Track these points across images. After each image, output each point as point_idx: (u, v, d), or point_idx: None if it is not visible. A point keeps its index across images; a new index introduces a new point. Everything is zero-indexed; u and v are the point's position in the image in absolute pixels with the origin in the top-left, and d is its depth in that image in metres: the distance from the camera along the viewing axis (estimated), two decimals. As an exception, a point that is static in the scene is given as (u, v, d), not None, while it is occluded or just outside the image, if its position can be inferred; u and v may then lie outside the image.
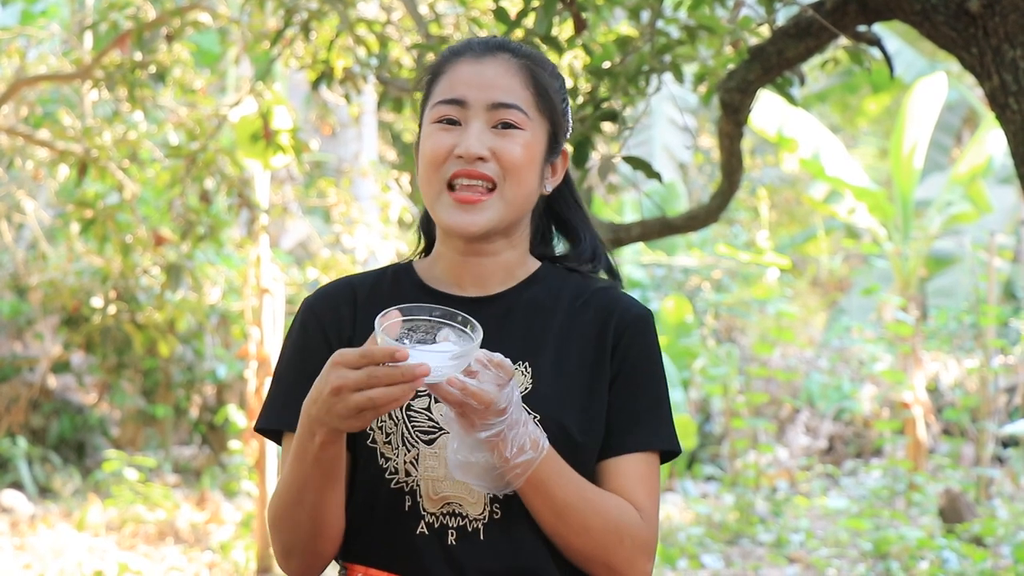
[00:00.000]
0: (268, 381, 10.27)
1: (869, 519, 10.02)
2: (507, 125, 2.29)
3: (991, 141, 12.15)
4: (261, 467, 9.31)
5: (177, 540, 10.33)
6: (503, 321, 2.34)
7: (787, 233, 18.66)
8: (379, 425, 2.26)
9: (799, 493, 12.10)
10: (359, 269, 11.52)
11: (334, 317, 2.35)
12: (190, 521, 10.68)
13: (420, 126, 2.37)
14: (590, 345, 2.34)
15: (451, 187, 2.30)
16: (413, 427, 2.26)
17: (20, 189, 12.19)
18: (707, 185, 17.83)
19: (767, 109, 11.77)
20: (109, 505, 10.83)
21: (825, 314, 17.87)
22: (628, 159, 4.42)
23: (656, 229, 5.40)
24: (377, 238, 11.78)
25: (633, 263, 14.93)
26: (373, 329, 2.13)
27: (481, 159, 2.28)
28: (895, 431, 11.74)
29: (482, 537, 2.26)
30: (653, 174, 4.44)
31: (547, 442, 2.18)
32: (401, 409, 2.26)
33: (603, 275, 2.48)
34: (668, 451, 2.36)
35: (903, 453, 11.93)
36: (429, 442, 2.25)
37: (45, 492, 12.32)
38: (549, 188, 2.39)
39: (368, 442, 2.27)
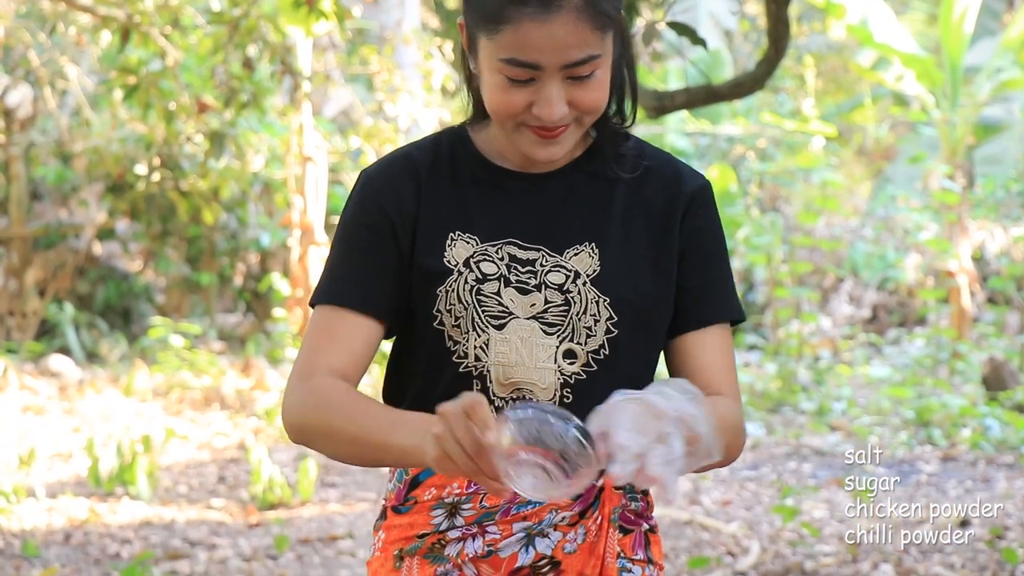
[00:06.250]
0: (312, 249, 10.33)
1: (912, 387, 10.03)
2: (583, 76, 2.16)
3: (1043, 7, 11.93)
4: (305, 335, 9.37)
5: (223, 406, 10.44)
6: (568, 197, 2.28)
7: (833, 101, 18.46)
8: (448, 308, 2.21)
9: (842, 362, 12.11)
10: (402, 137, 11.49)
11: (395, 196, 2.27)
12: (235, 387, 10.79)
13: (470, 39, 2.22)
14: (656, 219, 2.29)
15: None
16: (484, 312, 2.21)
17: (63, 55, 12.18)
18: (753, 52, 17.62)
19: (815, -26, 11.59)
20: (155, 371, 10.95)
21: (870, 183, 17.75)
22: (673, 25, 4.36)
23: (701, 97, 5.35)
24: (420, 106, 11.74)
25: (677, 131, 14.82)
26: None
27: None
28: (939, 300, 11.70)
29: None
30: (698, 41, 4.39)
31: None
32: (472, 293, 2.22)
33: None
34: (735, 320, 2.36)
35: (947, 322, 11.91)
36: (499, 327, 2.21)
37: (92, 357, 12.46)
38: None
39: (435, 324, 2.22)
